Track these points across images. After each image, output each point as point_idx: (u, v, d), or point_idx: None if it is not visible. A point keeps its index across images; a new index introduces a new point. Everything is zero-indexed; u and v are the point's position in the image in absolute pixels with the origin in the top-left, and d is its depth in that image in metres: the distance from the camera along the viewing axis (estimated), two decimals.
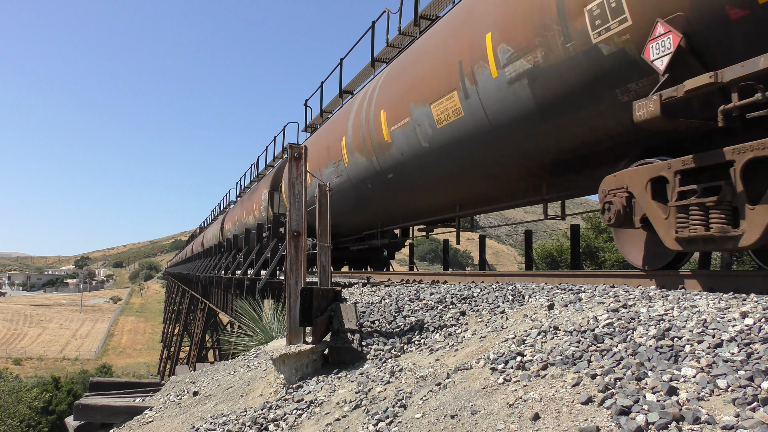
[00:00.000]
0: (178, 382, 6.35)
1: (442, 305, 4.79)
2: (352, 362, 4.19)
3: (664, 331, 2.69)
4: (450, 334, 4.15)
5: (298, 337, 4.57)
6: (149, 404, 5.61)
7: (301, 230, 4.62)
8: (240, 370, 5.78)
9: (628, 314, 3.11)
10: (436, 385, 2.99)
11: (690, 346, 2.47)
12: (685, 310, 2.97)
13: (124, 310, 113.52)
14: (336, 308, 4.67)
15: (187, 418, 4.45)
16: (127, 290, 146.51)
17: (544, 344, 3.07)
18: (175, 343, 40.39)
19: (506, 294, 4.55)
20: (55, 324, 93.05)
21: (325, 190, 5.56)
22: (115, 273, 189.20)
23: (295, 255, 4.63)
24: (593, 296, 3.81)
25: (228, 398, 4.70)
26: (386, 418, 2.82)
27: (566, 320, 3.37)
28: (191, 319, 38.21)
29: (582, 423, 2.09)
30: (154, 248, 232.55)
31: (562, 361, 2.70)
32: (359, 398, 3.27)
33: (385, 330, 4.64)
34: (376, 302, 5.56)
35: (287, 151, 4.78)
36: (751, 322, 2.58)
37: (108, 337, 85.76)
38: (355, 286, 7.73)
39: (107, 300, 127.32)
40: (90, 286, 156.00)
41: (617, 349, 2.65)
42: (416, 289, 5.93)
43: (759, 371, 2.10)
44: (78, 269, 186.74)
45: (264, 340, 7.10)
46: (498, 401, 2.52)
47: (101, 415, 5.83)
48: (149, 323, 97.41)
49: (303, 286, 4.61)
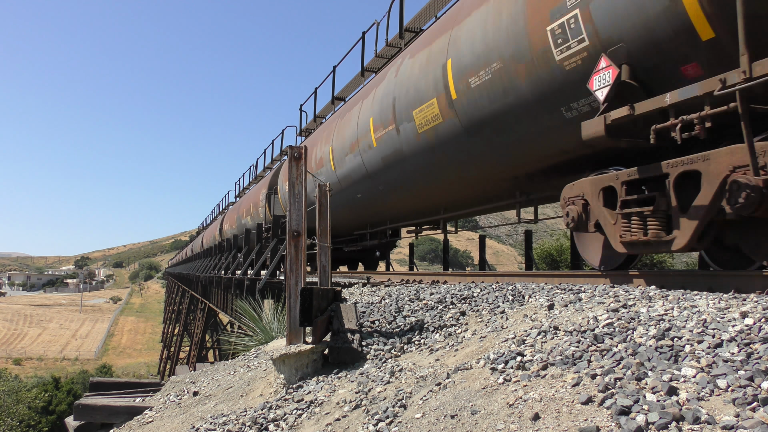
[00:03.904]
0: (178, 382, 6.34)
1: (442, 305, 4.79)
2: (352, 362, 4.19)
3: (664, 331, 2.69)
4: (450, 334, 4.15)
5: (298, 337, 4.57)
6: (149, 404, 5.61)
7: (301, 230, 4.63)
8: (240, 370, 5.78)
9: (628, 314, 3.11)
10: (436, 385, 2.99)
11: (690, 346, 2.47)
12: (685, 310, 2.97)
13: (124, 310, 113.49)
14: (336, 308, 4.67)
15: (187, 418, 4.45)
16: (127, 290, 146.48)
17: (544, 344, 3.07)
18: (175, 343, 40.38)
19: (506, 294, 4.55)
20: (55, 324, 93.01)
21: (325, 190, 5.56)
22: (115, 273, 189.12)
23: (295, 255, 4.63)
24: (593, 296, 3.81)
25: (228, 398, 4.70)
26: (386, 418, 2.82)
27: (566, 320, 3.37)
28: (191, 319, 38.21)
29: (582, 423, 2.09)
30: (154, 248, 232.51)
31: (562, 361, 2.70)
32: (359, 398, 3.27)
33: (385, 330, 4.64)
34: (376, 302, 5.56)
35: (287, 151, 4.78)
36: (751, 322, 2.58)
37: (108, 337, 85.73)
38: (355, 286, 7.73)
39: (107, 300, 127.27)
40: (90, 286, 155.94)
41: (617, 349, 2.65)
42: (416, 289, 5.93)
43: (759, 371, 2.10)
44: (78, 269, 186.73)
45: (264, 340, 7.10)
46: (498, 401, 2.52)
47: (101, 415, 5.83)
48: (149, 323, 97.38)
49: (303, 286, 4.61)
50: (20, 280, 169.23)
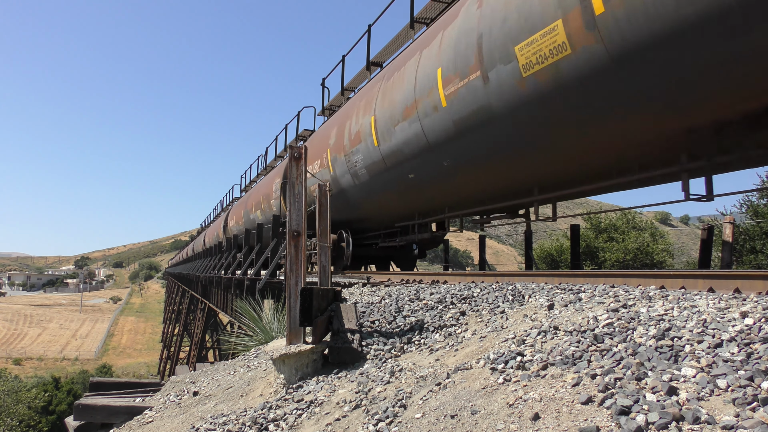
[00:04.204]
0: (178, 382, 6.34)
1: (442, 305, 4.79)
2: (352, 362, 4.19)
3: (664, 331, 2.69)
4: (450, 334, 4.15)
5: (298, 337, 4.57)
6: (149, 404, 5.61)
7: (301, 230, 4.63)
8: (240, 370, 5.78)
9: (628, 314, 3.11)
10: (436, 385, 2.99)
11: (690, 346, 2.47)
12: (685, 310, 2.97)
13: (124, 310, 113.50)
14: (336, 308, 4.67)
15: (187, 418, 4.45)
16: (127, 290, 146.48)
17: (544, 344, 3.07)
18: (175, 343, 40.38)
19: (506, 294, 4.55)
20: (55, 324, 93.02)
21: (325, 190, 5.56)
22: (115, 273, 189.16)
23: (295, 255, 4.63)
24: (593, 296, 3.81)
25: (228, 398, 4.70)
26: (386, 418, 2.82)
27: (566, 320, 3.37)
28: (191, 319, 38.20)
29: (582, 423, 2.09)
30: (154, 248, 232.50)
31: (562, 361, 2.70)
32: (359, 398, 3.27)
33: (385, 330, 4.64)
34: (376, 302, 5.56)
35: (288, 152, 4.78)
36: (751, 322, 2.58)
37: (108, 337, 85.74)
38: (355, 286, 7.73)
39: (107, 300, 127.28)
40: (90, 286, 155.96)
41: (617, 349, 2.65)
42: (416, 289, 5.94)
43: (759, 371, 2.10)
44: (78, 269, 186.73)
45: (264, 340, 7.10)
46: (498, 401, 2.52)
47: (101, 415, 5.82)
48: (149, 323, 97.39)
49: (303, 286, 4.61)
50: (20, 280, 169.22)
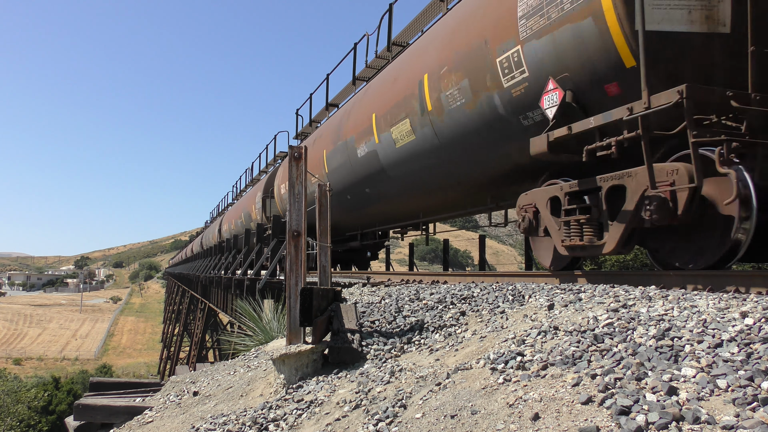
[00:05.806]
0: (178, 382, 6.34)
1: (442, 305, 4.79)
2: (352, 362, 4.19)
3: (664, 331, 2.69)
4: (450, 334, 4.15)
5: (298, 337, 4.57)
6: (149, 404, 5.61)
7: (301, 230, 4.63)
8: (240, 370, 5.78)
9: (628, 314, 3.11)
10: (436, 385, 2.99)
11: (690, 346, 2.46)
12: (685, 310, 2.97)
13: (124, 310, 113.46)
14: (336, 308, 4.67)
15: (187, 418, 4.45)
16: (127, 290, 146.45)
17: (544, 344, 3.07)
18: (175, 343, 40.36)
19: (506, 294, 4.55)
20: (55, 324, 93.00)
21: (325, 190, 5.56)
22: (115, 273, 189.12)
23: (295, 255, 4.63)
24: (593, 296, 3.80)
25: (228, 398, 4.70)
26: (386, 418, 2.82)
27: (566, 320, 3.37)
28: (191, 319, 38.18)
29: (582, 423, 2.09)
30: (154, 248, 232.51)
31: (562, 361, 2.70)
32: (359, 398, 3.27)
33: (385, 330, 4.64)
34: (376, 302, 5.56)
35: (288, 152, 4.79)
36: (751, 322, 2.58)
37: (108, 337, 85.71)
38: (355, 286, 7.73)
39: (107, 300, 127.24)
40: (90, 286, 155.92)
41: (617, 349, 2.65)
42: (416, 289, 5.93)
43: (759, 371, 2.10)
44: (78, 269, 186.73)
45: (264, 340, 7.10)
46: (498, 401, 2.52)
47: (101, 415, 5.82)
48: (149, 323, 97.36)
49: (303, 286, 4.61)
50: (20, 280, 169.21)
